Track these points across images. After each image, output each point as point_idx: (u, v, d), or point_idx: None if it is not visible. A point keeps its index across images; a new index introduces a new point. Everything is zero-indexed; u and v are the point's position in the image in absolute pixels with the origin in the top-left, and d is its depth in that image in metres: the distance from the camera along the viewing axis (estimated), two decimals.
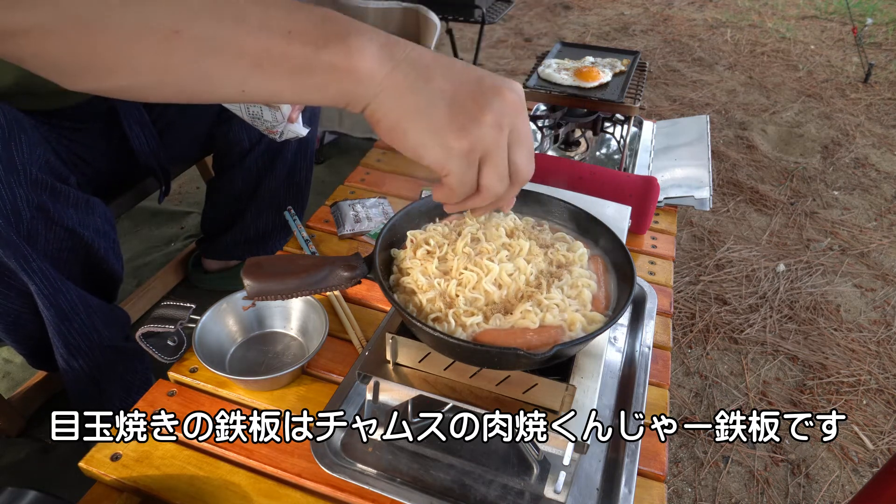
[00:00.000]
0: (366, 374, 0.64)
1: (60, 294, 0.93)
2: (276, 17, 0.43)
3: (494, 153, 0.48)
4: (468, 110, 0.46)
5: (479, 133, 0.46)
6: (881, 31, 3.94)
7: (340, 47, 0.44)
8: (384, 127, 0.48)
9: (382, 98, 0.46)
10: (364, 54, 0.44)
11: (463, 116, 0.46)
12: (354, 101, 0.46)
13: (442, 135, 0.46)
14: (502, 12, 2.29)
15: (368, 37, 0.45)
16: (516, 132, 0.48)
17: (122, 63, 0.41)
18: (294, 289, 0.59)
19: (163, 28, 0.40)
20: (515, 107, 0.48)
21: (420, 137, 0.47)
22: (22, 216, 0.83)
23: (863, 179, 2.40)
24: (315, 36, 0.44)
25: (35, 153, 0.84)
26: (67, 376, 1.05)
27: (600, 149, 1.41)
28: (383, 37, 0.46)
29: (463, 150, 0.47)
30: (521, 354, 0.51)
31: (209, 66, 0.42)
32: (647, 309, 0.95)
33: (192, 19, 0.41)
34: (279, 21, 0.43)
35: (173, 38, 0.40)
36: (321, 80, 0.45)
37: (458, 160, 0.47)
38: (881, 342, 1.66)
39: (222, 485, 0.70)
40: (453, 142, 0.46)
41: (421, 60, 0.47)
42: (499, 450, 0.73)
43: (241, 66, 0.43)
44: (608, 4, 4.36)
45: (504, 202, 0.54)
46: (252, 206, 1.42)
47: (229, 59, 0.42)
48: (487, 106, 0.46)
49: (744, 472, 1.32)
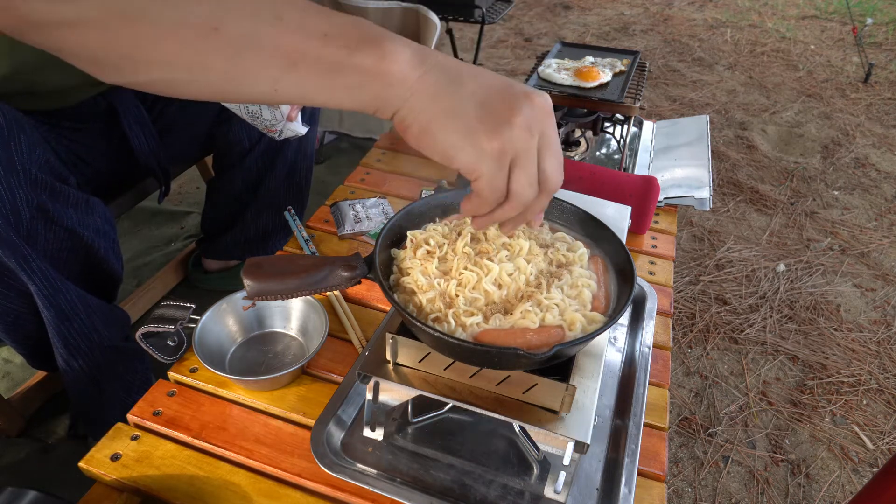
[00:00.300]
0: (366, 374, 0.64)
1: (60, 294, 0.93)
2: (313, 19, 0.44)
3: (524, 156, 0.48)
4: (499, 113, 0.47)
5: (510, 134, 0.46)
6: (881, 31, 3.94)
7: (374, 51, 0.45)
8: (414, 132, 0.48)
9: (413, 102, 0.47)
10: (397, 58, 0.45)
11: (494, 118, 0.46)
12: (385, 104, 0.47)
13: (473, 136, 0.46)
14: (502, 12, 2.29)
15: (401, 42, 0.46)
16: (546, 138, 0.49)
17: (161, 57, 0.42)
18: (294, 289, 0.59)
19: (202, 25, 0.41)
20: (545, 113, 0.48)
21: (451, 139, 0.47)
22: (21, 216, 0.83)
23: (863, 179, 2.40)
24: (350, 39, 0.44)
25: (35, 153, 0.84)
26: (67, 376, 1.05)
27: (600, 149, 1.41)
28: (414, 45, 0.47)
29: (494, 151, 0.47)
30: (521, 354, 0.51)
31: (245, 63, 0.43)
32: (647, 309, 0.95)
33: (230, 17, 0.42)
34: (315, 23, 0.44)
35: (211, 35, 0.41)
36: (353, 81, 0.45)
37: (489, 161, 0.47)
38: (881, 342, 1.66)
39: (222, 485, 0.70)
40: (485, 143, 0.46)
41: (450, 66, 0.48)
42: (499, 450, 0.73)
43: (275, 65, 0.44)
44: (608, 4, 4.36)
45: (532, 213, 0.53)
46: (252, 206, 1.42)
47: (265, 57, 0.43)
48: (518, 109, 0.47)
49: (744, 472, 1.32)
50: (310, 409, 0.79)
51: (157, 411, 0.78)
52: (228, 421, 0.77)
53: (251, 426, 0.77)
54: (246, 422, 0.77)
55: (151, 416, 0.77)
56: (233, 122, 1.28)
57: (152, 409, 0.78)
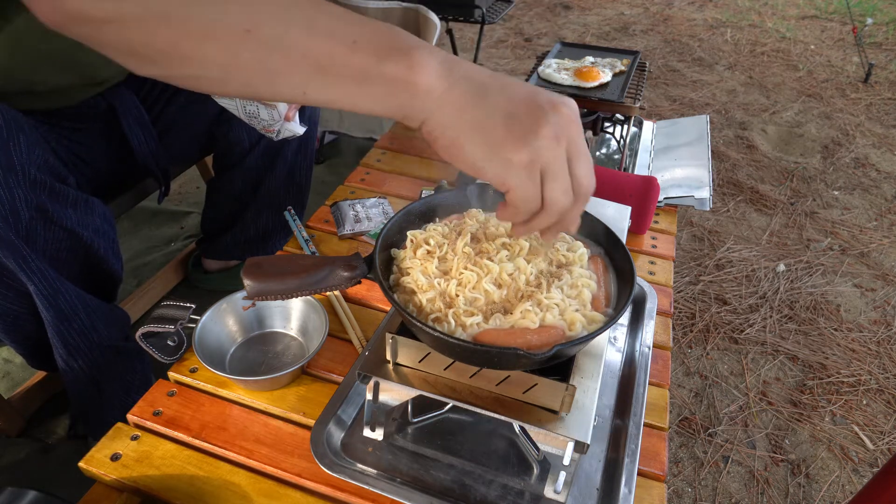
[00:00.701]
0: (366, 374, 0.64)
1: (60, 294, 0.93)
2: (343, 26, 0.45)
3: (555, 166, 0.48)
4: (525, 124, 0.47)
5: (537, 145, 0.46)
6: (881, 31, 3.94)
7: (403, 60, 0.45)
8: (442, 144, 0.48)
9: (440, 115, 0.47)
10: (425, 69, 0.46)
11: (520, 130, 0.46)
12: (412, 114, 0.48)
13: (501, 148, 0.47)
14: (502, 12, 2.29)
15: (430, 52, 0.46)
16: (574, 145, 0.49)
17: (195, 55, 0.44)
18: (294, 289, 0.59)
19: (236, 26, 0.43)
20: (571, 121, 0.49)
21: (479, 152, 0.47)
22: (21, 216, 0.83)
23: (863, 179, 2.40)
24: (379, 47, 0.45)
25: (34, 153, 0.84)
26: (67, 376, 1.05)
27: (600, 149, 1.41)
28: (443, 53, 0.48)
29: (523, 163, 0.47)
30: (521, 354, 0.51)
31: (275, 66, 0.45)
32: (647, 309, 0.95)
33: (263, 20, 0.43)
34: (346, 30, 0.45)
35: (244, 37, 0.43)
36: (381, 90, 0.46)
37: (518, 173, 0.47)
38: (881, 342, 1.66)
39: (222, 485, 0.70)
40: (512, 154, 0.46)
41: (477, 77, 0.48)
42: (499, 450, 0.73)
43: (304, 69, 0.45)
44: (608, 4, 4.36)
45: (569, 220, 0.53)
46: (252, 206, 1.42)
47: (295, 61, 0.44)
48: (544, 119, 0.47)
49: (744, 472, 1.32)
50: (310, 409, 0.79)
51: (157, 411, 0.78)
52: (228, 421, 0.77)
53: (251, 426, 0.77)
54: (246, 422, 0.77)
55: (151, 416, 0.77)
56: (233, 122, 1.28)
57: (152, 409, 0.78)
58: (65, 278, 0.93)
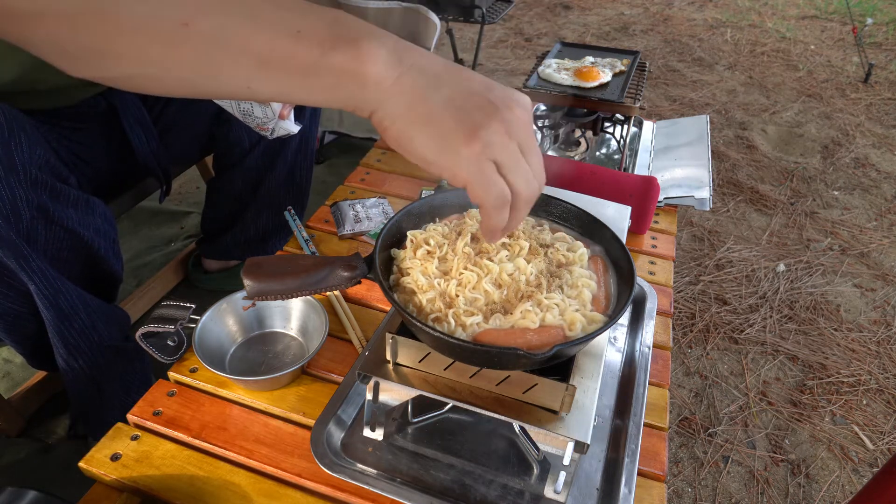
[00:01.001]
0: (366, 374, 0.64)
1: (60, 294, 0.93)
2: (287, 16, 0.43)
3: (509, 158, 0.47)
4: (476, 118, 0.46)
5: (488, 138, 0.46)
6: (881, 31, 3.94)
7: (350, 50, 0.44)
8: (392, 134, 0.47)
9: (390, 105, 0.46)
10: (373, 58, 0.44)
11: (471, 123, 0.46)
12: (362, 105, 0.46)
13: (450, 140, 0.46)
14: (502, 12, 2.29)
15: (379, 41, 0.45)
16: (525, 140, 0.48)
17: (131, 52, 0.42)
18: (294, 289, 0.59)
19: (172, 19, 0.41)
20: (523, 117, 0.48)
21: (429, 144, 0.46)
22: (21, 216, 0.83)
23: (863, 179, 2.40)
24: (324, 37, 0.43)
25: (35, 153, 0.84)
26: (67, 376, 1.05)
27: (600, 149, 1.41)
28: (393, 41, 0.46)
29: (473, 155, 0.46)
30: (521, 354, 0.51)
31: (216, 60, 0.43)
32: (647, 309, 0.95)
33: (201, 13, 0.41)
34: (289, 20, 0.43)
35: (182, 30, 0.41)
36: (328, 82, 0.45)
37: (468, 165, 0.46)
38: (881, 342, 1.66)
39: (222, 485, 0.70)
40: (462, 147, 0.46)
41: (430, 68, 0.47)
42: (499, 450, 0.73)
43: (247, 63, 0.43)
44: (608, 4, 4.36)
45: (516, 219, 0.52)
46: (252, 206, 1.42)
47: (236, 54, 0.43)
48: (496, 114, 0.46)
49: (744, 472, 1.32)
50: (310, 409, 0.79)
51: (157, 411, 0.78)
52: (228, 421, 0.77)
53: (251, 426, 0.77)
54: (246, 422, 0.77)
55: (151, 416, 0.77)
56: (233, 122, 1.28)
57: (152, 409, 0.78)
58: (65, 278, 0.93)
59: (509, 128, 0.47)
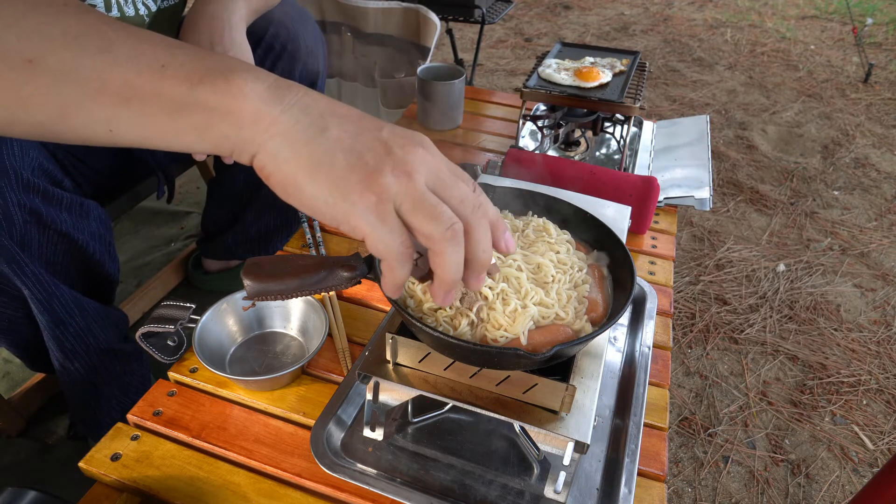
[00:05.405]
0: (366, 374, 0.64)
1: (55, 298, 0.92)
2: (149, 49, 0.39)
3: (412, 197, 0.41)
4: (369, 162, 0.41)
5: (384, 182, 0.40)
6: (881, 31, 3.94)
7: (220, 84, 0.39)
8: (276, 182, 0.42)
9: (270, 147, 0.41)
10: (247, 94, 0.40)
11: (363, 169, 0.40)
12: (239, 147, 0.41)
13: (342, 188, 0.40)
14: (502, 12, 2.29)
15: (254, 75, 0.41)
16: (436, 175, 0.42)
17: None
18: (294, 289, 0.59)
19: (14, 56, 0.36)
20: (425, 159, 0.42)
21: (320, 193, 0.41)
22: (14, 220, 0.82)
23: (863, 179, 2.40)
24: (192, 70, 0.39)
25: (27, 156, 0.83)
26: (64, 379, 1.04)
27: (600, 149, 1.41)
28: (272, 78, 0.42)
29: (370, 204, 0.40)
30: (521, 354, 0.51)
31: (68, 100, 0.38)
32: (647, 309, 0.95)
33: (48, 48, 0.37)
34: (152, 54, 0.39)
35: (26, 68, 0.37)
36: (198, 121, 0.40)
37: (366, 215, 0.40)
38: (881, 342, 1.66)
39: (222, 485, 0.70)
40: (356, 195, 0.40)
41: (314, 107, 0.42)
42: (499, 450, 0.73)
43: (105, 102, 0.39)
44: (608, 4, 4.36)
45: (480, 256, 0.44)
46: (252, 207, 1.42)
47: (91, 92, 0.38)
48: (389, 157, 0.41)
49: (744, 472, 1.32)
50: (310, 409, 0.79)
51: (157, 411, 0.78)
52: (228, 421, 0.77)
53: (251, 426, 0.77)
54: (246, 422, 0.77)
55: (151, 416, 0.77)
56: None
57: (152, 409, 0.78)
58: (60, 282, 0.92)
59: (409, 168, 0.41)
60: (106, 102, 0.39)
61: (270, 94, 0.41)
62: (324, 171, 0.40)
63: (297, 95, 0.42)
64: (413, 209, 0.41)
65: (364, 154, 0.41)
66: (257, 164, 0.42)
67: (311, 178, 0.41)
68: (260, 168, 0.42)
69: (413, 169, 0.41)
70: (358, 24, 1.80)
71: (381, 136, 0.42)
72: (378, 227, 0.41)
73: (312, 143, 0.41)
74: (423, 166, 0.42)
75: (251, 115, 0.40)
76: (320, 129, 0.41)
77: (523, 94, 1.27)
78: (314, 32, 1.24)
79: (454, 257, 0.42)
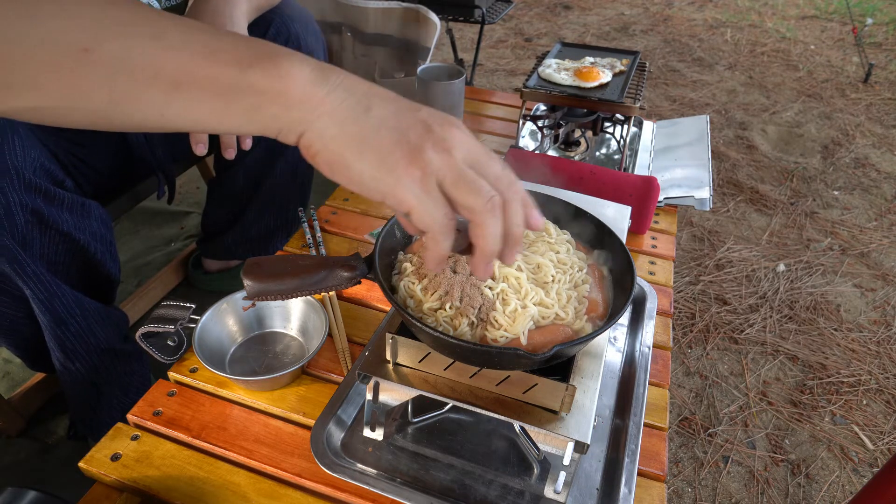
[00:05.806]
0: (366, 374, 0.64)
1: (56, 298, 0.92)
2: (199, 37, 0.41)
3: (453, 172, 0.43)
4: (412, 138, 0.43)
5: (427, 157, 0.42)
6: (881, 31, 3.94)
7: (270, 68, 0.41)
8: (323, 160, 0.44)
9: (319, 126, 0.43)
10: (295, 76, 0.41)
11: (408, 142, 0.43)
12: (287, 127, 0.43)
13: (389, 163, 0.42)
14: (502, 12, 2.29)
15: (299, 58, 0.42)
16: (471, 153, 0.45)
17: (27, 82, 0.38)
18: (294, 289, 0.59)
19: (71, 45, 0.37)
20: (460, 138, 0.44)
21: (368, 168, 0.43)
22: (16, 221, 0.82)
23: (863, 179, 2.40)
24: (242, 56, 0.41)
25: (29, 156, 0.83)
26: (64, 379, 1.04)
27: (600, 149, 1.41)
28: (314, 61, 0.43)
29: (415, 178, 0.42)
30: (521, 354, 0.51)
31: (123, 86, 0.39)
32: (647, 309, 0.95)
33: (103, 37, 0.38)
34: (202, 41, 0.41)
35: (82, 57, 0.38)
36: (249, 103, 0.42)
37: (413, 189, 0.43)
38: (881, 342, 1.66)
39: (222, 485, 0.70)
40: (402, 170, 0.42)
41: (357, 87, 0.44)
42: (499, 450, 0.73)
43: (158, 88, 0.40)
44: (608, 4, 4.36)
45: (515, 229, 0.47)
46: (253, 207, 1.42)
47: (145, 79, 0.39)
48: (430, 134, 0.43)
49: (744, 472, 1.32)
50: (310, 409, 0.79)
51: (157, 411, 0.78)
52: (228, 421, 0.77)
53: (251, 426, 0.77)
54: (246, 422, 0.77)
55: (151, 416, 0.77)
56: None
57: (152, 409, 0.78)
58: (61, 282, 0.93)
59: (446, 144, 0.43)
60: (160, 88, 0.40)
61: (316, 76, 0.42)
62: (370, 147, 0.42)
63: (340, 77, 0.44)
64: (455, 183, 0.43)
65: (407, 132, 0.43)
66: (304, 143, 0.44)
67: (358, 155, 0.43)
68: (307, 146, 0.44)
69: (452, 146, 0.43)
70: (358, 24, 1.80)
71: (421, 116, 0.44)
72: (424, 200, 0.43)
73: (359, 121, 0.43)
74: (460, 144, 0.44)
75: (299, 96, 0.42)
76: (365, 108, 0.43)
77: (523, 94, 1.27)
78: (314, 33, 1.24)
79: (495, 229, 0.45)
